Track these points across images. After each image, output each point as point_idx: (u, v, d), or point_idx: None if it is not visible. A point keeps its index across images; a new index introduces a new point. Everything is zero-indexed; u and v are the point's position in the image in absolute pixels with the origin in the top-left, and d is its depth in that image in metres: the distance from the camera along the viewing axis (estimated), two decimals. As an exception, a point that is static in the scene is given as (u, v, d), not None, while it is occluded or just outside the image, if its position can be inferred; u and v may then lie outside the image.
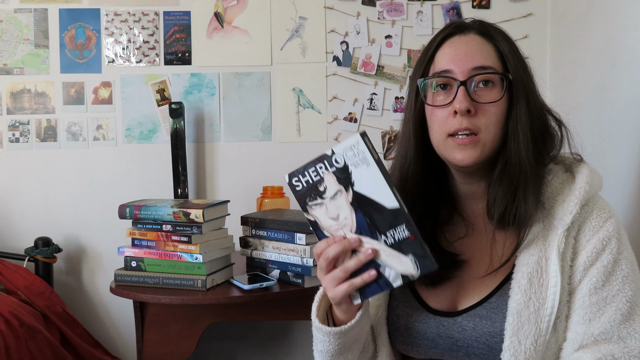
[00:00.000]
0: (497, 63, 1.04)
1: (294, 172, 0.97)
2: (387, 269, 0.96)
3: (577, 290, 0.99)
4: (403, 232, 0.93)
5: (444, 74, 1.04)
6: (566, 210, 1.00)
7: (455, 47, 1.05)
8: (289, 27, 2.41)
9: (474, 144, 1.02)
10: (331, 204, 0.96)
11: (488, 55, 1.04)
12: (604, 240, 0.99)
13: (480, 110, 1.02)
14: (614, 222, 1.01)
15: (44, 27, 2.38)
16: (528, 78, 1.06)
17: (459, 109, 1.01)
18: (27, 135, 2.39)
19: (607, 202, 1.04)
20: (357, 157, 0.93)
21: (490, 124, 1.02)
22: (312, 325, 1.07)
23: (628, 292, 0.97)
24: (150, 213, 1.83)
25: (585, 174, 1.03)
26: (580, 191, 1.01)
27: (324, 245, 0.97)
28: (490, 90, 1.02)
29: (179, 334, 1.86)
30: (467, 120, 1.01)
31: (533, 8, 2.38)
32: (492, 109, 1.02)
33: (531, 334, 0.97)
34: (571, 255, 1.00)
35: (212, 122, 2.43)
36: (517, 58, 1.05)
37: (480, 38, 1.06)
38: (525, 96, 1.03)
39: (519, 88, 1.03)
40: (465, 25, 1.08)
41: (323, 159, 0.95)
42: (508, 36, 1.08)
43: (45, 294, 2.13)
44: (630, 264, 1.00)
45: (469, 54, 1.03)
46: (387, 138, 2.42)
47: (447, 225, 1.13)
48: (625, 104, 1.72)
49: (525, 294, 0.99)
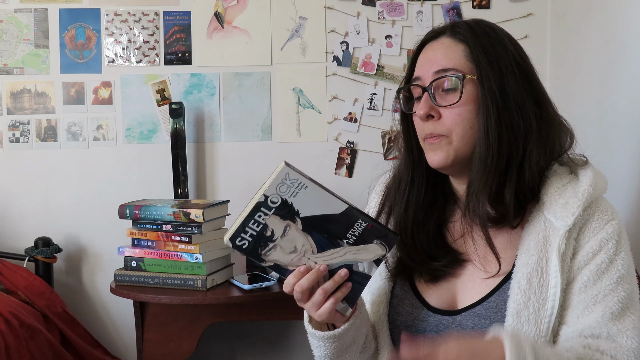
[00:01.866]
0: (464, 62, 1.03)
1: (234, 235, 0.94)
2: (360, 265, 0.97)
3: (570, 289, 1.00)
4: (361, 226, 0.95)
5: (414, 82, 1.08)
6: (568, 211, 1.00)
7: (424, 54, 1.08)
8: (289, 27, 2.41)
9: (439, 143, 1.04)
10: (284, 241, 0.95)
11: (453, 56, 1.04)
12: (602, 242, 0.99)
13: (444, 113, 1.04)
14: (615, 224, 1.01)
15: (44, 27, 2.38)
16: (505, 72, 1.03)
17: (419, 115, 1.04)
18: (27, 135, 2.39)
19: (611, 205, 1.04)
20: (292, 187, 0.92)
21: (455, 125, 1.03)
22: (307, 332, 1.08)
23: (621, 292, 0.97)
24: (151, 213, 1.83)
25: (590, 176, 1.03)
26: (583, 193, 1.00)
27: (293, 280, 0.96)
28: (453, 92, 1.03)
29: (179, 334, 1.86)
30: (432, 124, 1.04)
31: (533, 8, 2.38)
32: (455, 110, 1.03)
33: (530, 334, 0.97)
34: (571, 256, 1.00)
35: (212, 122, 2.43)
36: (486, 54, 1.03)
37: (450, 40, 1.06)
38: (495, 93, 1.01)
39: (484, 84, 1.02)
40: (439, 30, 1.09)
41: (259, 207, 0.93)
42: (487, 31, 1.06)
43: (45, 294, 2.13)
44: (627, 266, 0.99)
45: (433, 59, 1.05)
46: (387, 138, 2.42)
47: (451, 222, 1.14)
48: (625, 103, 1.72)
49: (525, 294, 0.99)
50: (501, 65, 1.03)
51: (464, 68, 1.03)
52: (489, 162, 1.01)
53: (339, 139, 2.43)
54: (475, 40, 1.04)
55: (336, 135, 2.43)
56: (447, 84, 1.03)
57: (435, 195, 1.13)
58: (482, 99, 1.01)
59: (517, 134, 1.02)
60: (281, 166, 0.91)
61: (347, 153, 2.43)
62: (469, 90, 1.02)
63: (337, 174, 2.44)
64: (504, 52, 1.04)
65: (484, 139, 1.01)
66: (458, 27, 1.07)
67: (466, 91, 1.02)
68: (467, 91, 1.02)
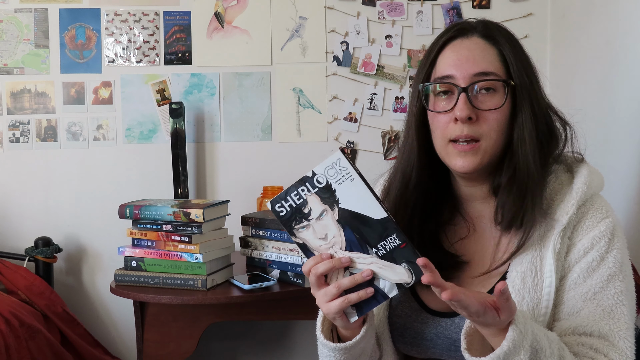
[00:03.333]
0: (500, 67, 1.03)
1: (276, 199, 0.96)
2: (382, 281, 0.95)
3: (561, 286, 1.00)
4: (394, 242, 0.93)
5: (446, 79, 1.03)
6: (563, 210, 1.00)
7: (457, 52, 1.04)
8: (289, 27, 2.41)
9: (475, 151, 1.01)
10: (318, 225, 0.95)
11: (491, 60, 1.03)
12: (594, 239, 0.99)
13: (481, 117, 1.01)
14: (609, 222, 1.00)
15: (44, 27, 2.38)
16: (533, 81, 1.04)
17: (459, 117, 1.00)
18: (27, 135, 2.39)
19: (606, 203, 1.04)
20: (339, 174, 0.93)
21: (491, 130, 1.01)
22: (317, 340, 1.06)
23: (612, 290, 0.97)
24: (151, 213, 1.83)
25: (584, 174, 1.03)
26: (577, 192, 1.01)
27: (312, 263, 0.95)
28: (492, 96, 1.01)
29: (179, 334, 1.86)
30: (468, 127, 1.01)
31: (533, 8, 2.38)
32: (494, 115, 1.01)
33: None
34: (564, 254, 1.00)
35: (212, 122, 2.43)
36: (520, 61, 1.04)
37: (483, 42, 1.04)
38: (530, 101, 1.02)
39: (522, 93, 1.02)
40: (468, 27, 1.06)
41: (304, 181, 0.94)
42: (512, 37, 1.07)
43: (45, 294, 2.13)
44: (620, 263, 0.99)
45: (470, 59, 1.02)
46: (387, 138, 2.42)
47: (449, 225, 1.13)
48: (625, 103, 1.72)
49: (519, 293, 0.99)
50: (529, 73, 1.04)
51: (501, 73, 1.02)
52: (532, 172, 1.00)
53: (339, 139, 2.43)
54: (509, 44, 1.04)
55: (336, 135, 2.43)
56: (490, 88, 1.01)
57: (435, 197, 1.12)
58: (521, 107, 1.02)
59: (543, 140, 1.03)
60: (338, 151, 0.93)
61: (347, 153, 2.43)
62: (509, 96, 1.02)
63: (337, 174, 2.44)
64: (528, 60, 1.06)
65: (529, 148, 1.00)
66: (489, 29, 1.05)
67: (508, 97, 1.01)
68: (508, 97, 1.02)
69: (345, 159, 0.92)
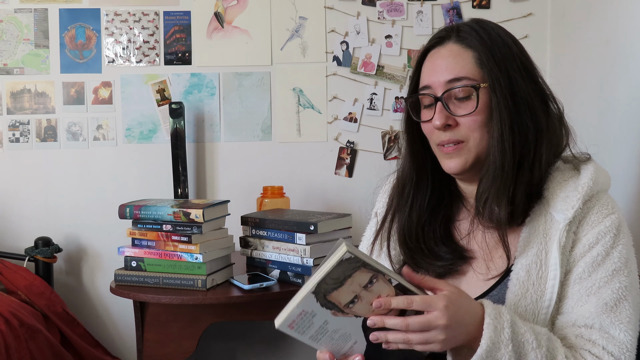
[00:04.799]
0: (475, 69, 1.04)
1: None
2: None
3: (566, 281, 1.01)
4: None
5: (424, 90, 1.08)
6: (568, 205, 1.01)
7: (433, 62, 1.08)
8: (289, 27, 2.41)
9: (459, 151, 1.05)
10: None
11: (464, 64, 1.05)
12: (599, 234, 1.00)
13: (460, 121, 1.05)
14: (615, 218, 1.01)
15: (44, 27, 2.38)
16: (511, 80, 1.04)
17: (436, 127, 1.05)
18: (27, 135, 2.39)
19: (612, 200, 1.05)
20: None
21: (472, 132, 1.04)
22: None
23: (616, 284, 0.98)
24: (151, 213, 1.83)
25: (591, 170, 1.04)
26: (583, 187, 1.02)
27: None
28: (467, 101, 1.04)
29: (179, 334, 1.86)
30: (450, 133, 1.05)
31: (533, 8, 2.38)
32: (470, 118, 1.04)
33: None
34: (570, 248, 1.01)
35: (212, 122, 2.43)
36: (496, 59, 1.04)
37: (457, 47, 1.06)
38: (505, 98, 1.02)
39: (496, 92, 1.03)
40: (444, 35, 1.09)
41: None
42: (491, 34, 1.07)
43: (45, 294, 2.13)
44: (625, 259, 1.00)
45: (443, 68, 1.06)
46: (387, 138, 2.42)
47: (457, 221, 1.16)
48: (625, 103, 1.72)
49: (523, 285, 1.00)
50: (509, 68, 1.04)
51: (475, 75, 1.04)
52: (505, 167, 1.02)
53: (339, 139, 2.43)
54: (482, 45, 1.05)
55: (336, 135, 2.43)
56: (462, 93, 1.04)
57: (441, 195, 1.15)
58: (496, 106, 1.02)
59: (529, 136, 1.04)
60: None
61: (347, 153, 2.43)
62: (483, 98, 1.03)
63: (337, 174, 2.44)
64: (509, 54, 1.05)
65: (499, 145, 1.02)
66: (463, 32, 1.07)
67: (480, 99, 1.03)
68: (481, 99, 1.03)
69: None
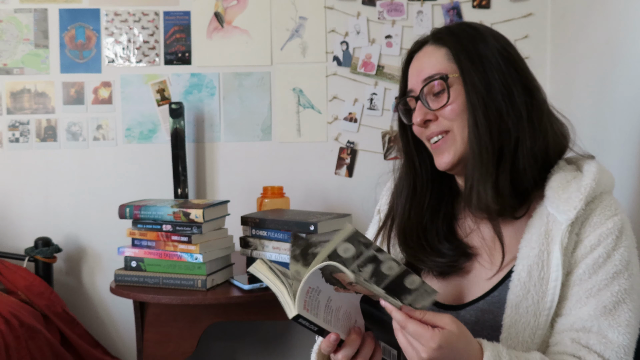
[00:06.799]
0: (447, 64, 1.07)
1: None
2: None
3: (567, 282, 1.00)
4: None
5: (408, 94, 1.12)
6: (570, 205, 1.00)
7: (412, 66, 1.13)
8: (289, 27, 2.41)
9: (446, 142, 1.07)
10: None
11: (436, 62, 1.08)
12: (601, 236, 0.99)
13: (439, 114, 1.07)
14: (617, 220, 1.01)
15: (44, 27, 2.38)
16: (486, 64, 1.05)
17: (417, 123, 1.08)
18: (27, 135, 2.39)
19: (616, 201, 1.04)
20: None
21: (451, 120, 1.06)
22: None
23: (616, 287, 0.97)
24: (150, 213, 1.83)
25: (593, 171, 1.03)
26: (585, 187, 1.01)
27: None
28: (442, 94, 1.06)
29: (179, 334, 1.86)
30: (434, 125, 1.08)
31: (533, 8, 2.38)
32: (446, 109, 1.06)
33: (529, 326, 0.98)
34: (572, 250, 1.01)
35: (212, 122, 2.43)
36: (466, 50, 1.06)
37: (432, 47, 1.10)
38: (474, 85, 1.03)
39: (466, 79, 1.04)
40: (423, 40, 1.13)
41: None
42: (465, 29, 1.09)
43: (45, 294, 2.13)
44: (626, 262, 0.99)
45: (419, 69, 1.10)
46: (387, 138, 2.42)
47: (460, 219, 1.16)
48: (625, 103, 1.72)
49: (525, 286, 1.00)
50: (483, 59, 1.05)
51: (448, 69, 1.06)
52: (483, 154, 1.03)
53: (339, 139, 2.43)
54: (455, 41, 1.08)
55: (336, 135, 2.43)
56: (435, 87, 1.07)
57: (441, 194, 1.15)
58: (467, 94, 1.04)
59: (508, 122, 1.04)
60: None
61: (347, 153, 2.43)
62: (456, 89, 1.05)
63: (337, 174, 2.44)
64: (485, 47, 1.06)
65: (474, 133, 1.03)
66: (439, 33, 1.11)
67: (453, 90, 1.05)
68: (454, 90, 1.05)
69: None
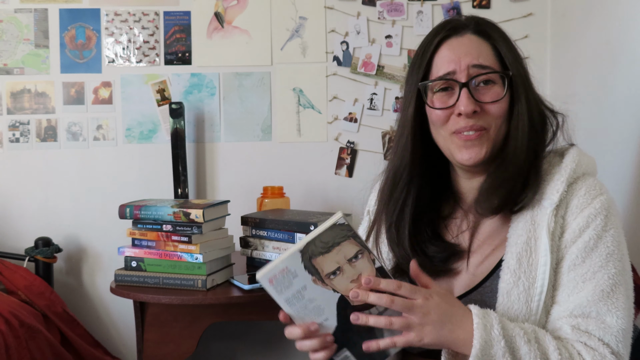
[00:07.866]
0: (495, 61, 1.06)
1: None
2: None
3: (559, 268, 1.00)
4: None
5: (447, 76, 1.05)
6: (553, 189, 1.02)
7: (453, 49, 1.07)
8: (289, 27, 2.41)
9: (480, 138, 1.04)
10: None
11: (486, 54, 1.06)
12: (589, 217, 0.99)
13: (484, 108, 1.04)
14: (604, 199, 1.01)
15: (44, 27, 2.38)
16: (526, 74, 1.08)
17: (465, 112, 1.03)
18: (27, 135, 2.39)
19: (599, 182, 1.05)
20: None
21: (495, 119, 1.05)
22: None
23: (611, 269, 0.97)
24: (151, 213, 1.83)
25: (573, 154, 1.05)
26: (566, 169, 1.03)
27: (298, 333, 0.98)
28: (491, 88, 1.05)
29: (179, 334, 1.86)
30: (474, 119, 1.04)
31: (533, 8, 2.38)
32: (496, 106, 1.04)
33: (521, 313, 0.98)
34: (559, 234, 1.01)
35: (212, 122, 2.43)
36: (514, 55, 1.07)
37: (476, 37, 1.08)
38: (525, 92, 1.06)
39: (518, 85, 1.06)
40: (460, 25, 1.09)
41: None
42: (504, 32, 1.10)
43: (45, 294, 2.13)
44: (617, 242, 0.99)
45: (467, 55, 1.05)
46: (387, 138, 2.42)
47: (450, 219, 1.15)
48: (625, 103, 1.72)
49: (515, 273, 1.00)
50: (519, 67, 1.07)
51: (496, 66, 1.06)
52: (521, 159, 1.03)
53: (339, 139, 2.43)
54: (501, 39, 1.08)
55: (336, 135, 2.43)
56: (489, 81, 1.05)
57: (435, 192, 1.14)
58: (518, 96, 1.05)
59: (537, 128, 1.06)
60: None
61: (347, 153, 2.43)
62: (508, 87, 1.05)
63: (337, 174, 2.44)
64: (518, 53, 1.09)
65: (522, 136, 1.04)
66: (481, 26, 1.09)
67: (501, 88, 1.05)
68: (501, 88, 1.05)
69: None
